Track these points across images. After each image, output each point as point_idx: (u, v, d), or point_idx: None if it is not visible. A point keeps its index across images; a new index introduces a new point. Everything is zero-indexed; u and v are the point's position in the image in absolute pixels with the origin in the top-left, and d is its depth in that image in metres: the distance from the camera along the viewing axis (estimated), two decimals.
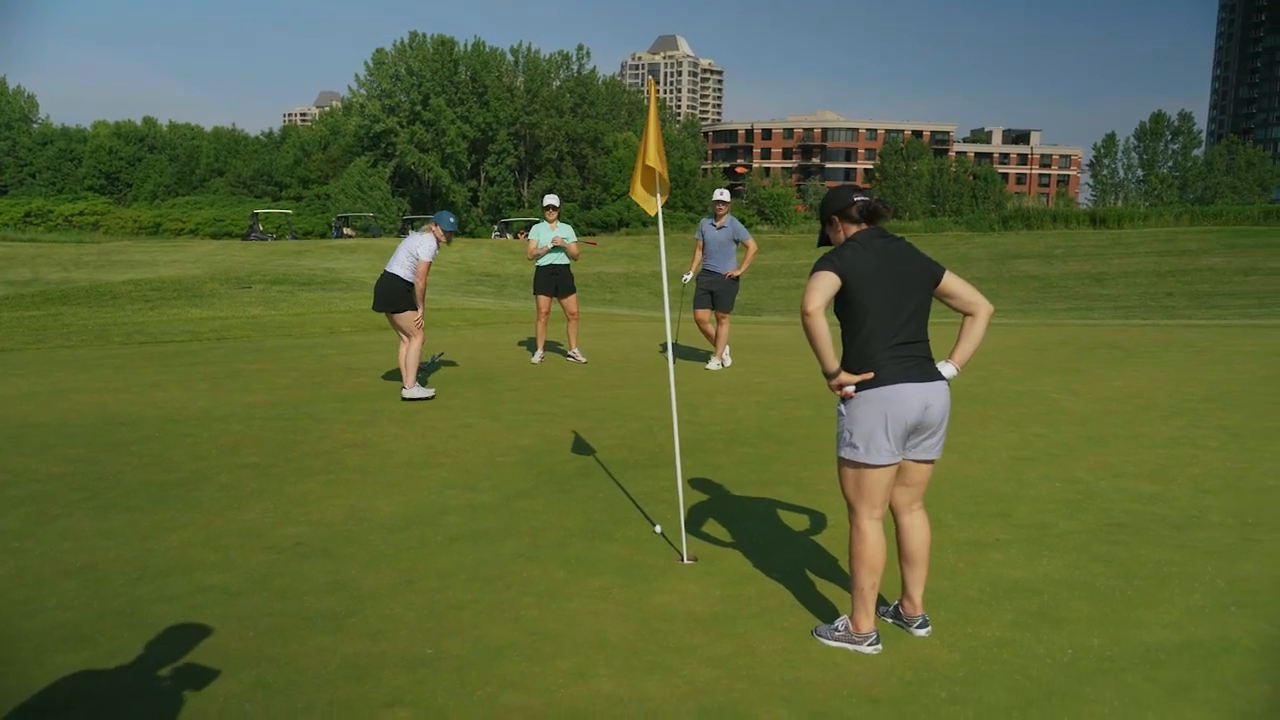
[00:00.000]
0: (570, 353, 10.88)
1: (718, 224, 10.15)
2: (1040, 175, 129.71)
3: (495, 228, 69.54)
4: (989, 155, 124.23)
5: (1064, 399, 8.61)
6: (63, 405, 8.12)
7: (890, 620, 3.89)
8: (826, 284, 3.50)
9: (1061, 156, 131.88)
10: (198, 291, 20.03)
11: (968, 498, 5.62)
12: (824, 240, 3.81)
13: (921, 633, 3.77)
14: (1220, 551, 4.68)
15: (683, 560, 4.66)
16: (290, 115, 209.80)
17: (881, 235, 3.63)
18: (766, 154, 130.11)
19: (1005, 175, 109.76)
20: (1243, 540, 4.85)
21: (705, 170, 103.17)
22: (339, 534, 5.00)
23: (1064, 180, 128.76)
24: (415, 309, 8.60)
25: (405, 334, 8.65)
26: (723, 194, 10.22)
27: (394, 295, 8.56)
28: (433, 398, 8.62)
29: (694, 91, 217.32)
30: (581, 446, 6.89)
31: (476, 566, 4.55)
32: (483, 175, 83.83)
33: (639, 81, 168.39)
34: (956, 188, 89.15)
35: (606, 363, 10.83)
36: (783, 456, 6.64)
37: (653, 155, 4.88)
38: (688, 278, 10.51)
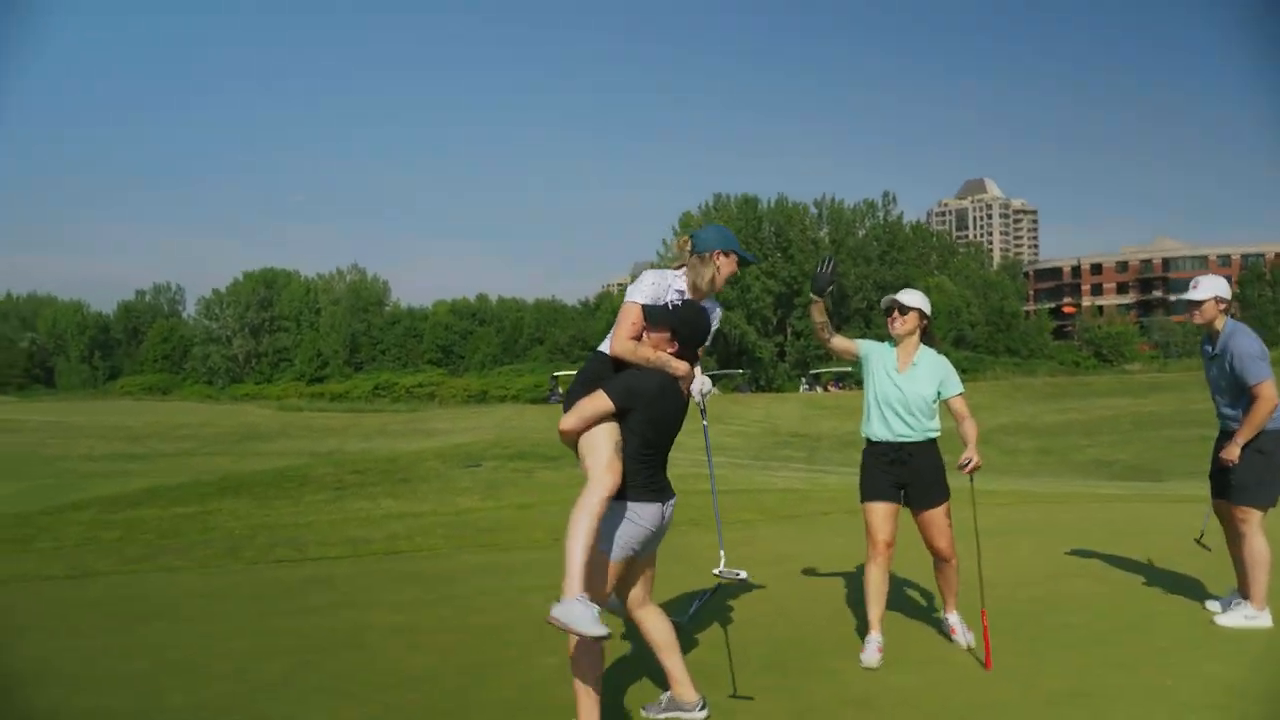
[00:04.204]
0: (947, 619, 5.46)
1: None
2: None
3: (804, 380, 65.60)
4: None
5: None
6: None
7: (668, 714, 3.91)
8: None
9: None
10: (409, 474, 15.91)
11: None
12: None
13: (701, 714, 3.87)
14: None
15: None
16: (608, 285, 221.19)
17: None
18: (1097, 290, 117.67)
19: None
20: None
21: (1028, 312, 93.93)
22: None
23: None
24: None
25: None
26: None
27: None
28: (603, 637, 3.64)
29: (1005, 233, 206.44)
30: None
31: None
32: (789, 330, 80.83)
33: (946, 228, 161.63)
34: None
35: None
36: None
37: None
38: None
